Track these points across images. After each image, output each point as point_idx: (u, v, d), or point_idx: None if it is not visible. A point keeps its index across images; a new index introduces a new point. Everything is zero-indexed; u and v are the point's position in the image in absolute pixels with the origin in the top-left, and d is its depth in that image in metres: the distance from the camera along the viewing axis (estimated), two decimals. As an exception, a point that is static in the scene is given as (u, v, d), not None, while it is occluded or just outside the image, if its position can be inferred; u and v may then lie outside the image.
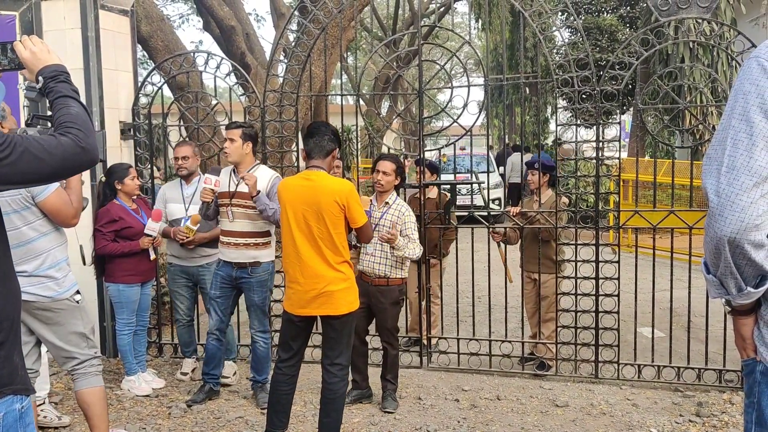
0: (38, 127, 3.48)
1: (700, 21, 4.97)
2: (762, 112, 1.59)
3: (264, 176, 4.71)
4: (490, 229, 5.56)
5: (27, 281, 3.34)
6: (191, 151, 5.26)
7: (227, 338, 5.18)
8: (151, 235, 4.96)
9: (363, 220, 3.86)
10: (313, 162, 3.88)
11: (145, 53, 9.97)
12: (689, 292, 5.16)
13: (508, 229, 5.58)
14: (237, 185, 4.66)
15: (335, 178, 3.99)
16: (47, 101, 2.11)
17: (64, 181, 3.53)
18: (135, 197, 5.08)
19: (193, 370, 5.43)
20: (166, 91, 6.95)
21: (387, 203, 4.74)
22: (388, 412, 4.65)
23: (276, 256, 4.78)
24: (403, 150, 5.77)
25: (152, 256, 5.06)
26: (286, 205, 3.83)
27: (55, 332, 3.51)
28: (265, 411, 4.62)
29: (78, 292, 3.56)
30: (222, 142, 4.78)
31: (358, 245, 4.73)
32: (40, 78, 2.11)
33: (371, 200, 4.84)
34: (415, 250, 4.69)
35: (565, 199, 5.45)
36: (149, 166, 5.97)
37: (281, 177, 4.81)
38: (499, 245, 5.64)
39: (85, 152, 1.93)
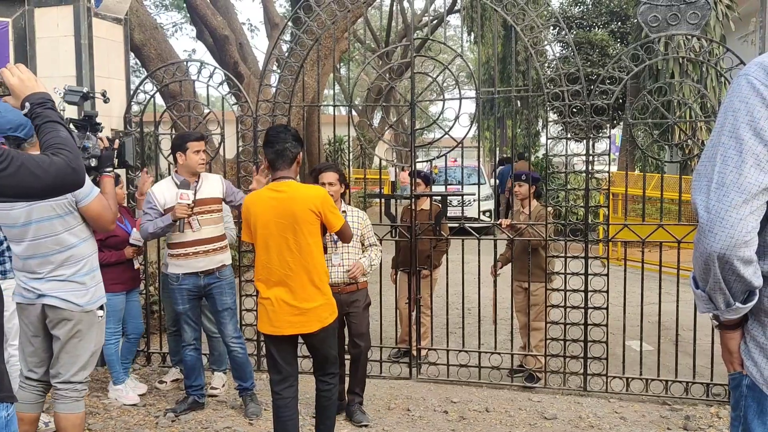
0: (75, 132, 3.48)
1: (689, 37, 5.03)
2: (751, 130, 1.61)
3: (216, 180, 4.83)
4: (492, 267, 5.60)
5: (61, 285, 3.32)
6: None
7: (218, 349, 5.16)
8: (136, 245, 4.95)
9: (340, 222, 3.71)
10: (279, 173, 3.67)
11: (138, 61, 9.97)
12: (677, 306, 5.19)
13: (505, 251, 5.65)
14: (195, 193, 4.63)
15: (306, 185, 3.82)
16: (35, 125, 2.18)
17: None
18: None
19: (176, 380, 5.40)
20: (159, 100, 6.95)
21: (343, 212, 4.60)
22: (364, 425, 4.61)
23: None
24: (395, 161, 5.78)
25: (136, 265, 5.07)
26: (257, 221, 3.62)
27: (66, 343, 3.39)
28: (254, 422, 4.63)
29: (102, 307, 3.49)
30: (200, 152, 4.70)
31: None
32: (27, 104, 2.18)
33: None
34: (378, 254, 4.74)
35: (550, 210, 5.48)
36: (139, 175, 5.95)
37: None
38: (495, 276, 5.67)
39: (75, 173, 1.99)
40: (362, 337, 4.70)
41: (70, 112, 3.72)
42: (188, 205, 4.52)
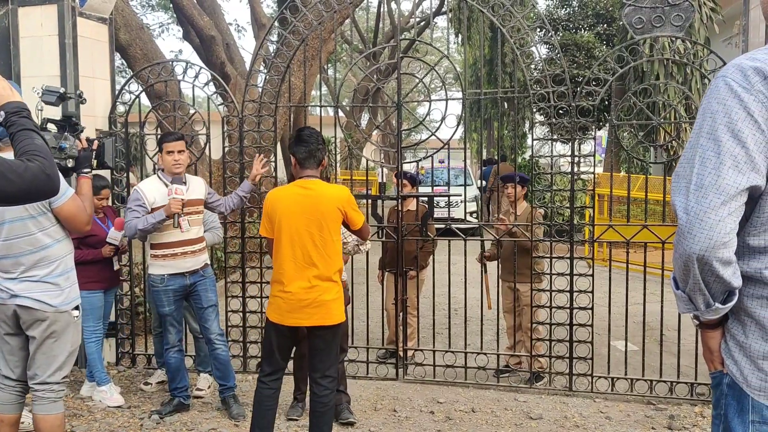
0: (52, 132, 3.46)
1: (674, 39, 5.06)
2: (729, 132, 1.62)
3: (199, 182, 4.87)
4: (480, 256, 5.61)
5: (34, 285, 3.29)
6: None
7: (204, 350, 5.14)
8: (113, 244, 4.93)
9: (361, 220, 3.90)
10: (307, 172, 3.85)
11: (124, 61, 9.91)
12: (662, 306, 5.22)
13: (491, 247, 5.65)
14: (186, 192, 4.62)
15: (332, 185, 4.02)
16: (13, 131, 2.20)
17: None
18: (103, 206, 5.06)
19: (161, 382, 5.37)
20: (144, 100, 6.91)
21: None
22: (350, 422, 4.61)
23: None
24: (382, 161, 5.77)
25: (116, 266, 5.05)
26: (281, 216, 3.75)
27: (42, 344, 3.36)
28: (239, 423, 4.61)
29: (77, 308, 3.47)
30: (175, 153, 4.67)
31: (360, 252, 4.76)
32: (2, 112, 2.20)
33: None
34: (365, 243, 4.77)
35: (540, 211, 5.50)
36: (125, 175, 5.92)
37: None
38: (485, 271, 5.68)
39: (50, 179, 2.00)
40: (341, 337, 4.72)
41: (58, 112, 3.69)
42: (182, 200, 4.52)
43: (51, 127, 3.49)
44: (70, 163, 3.42)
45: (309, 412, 3.96)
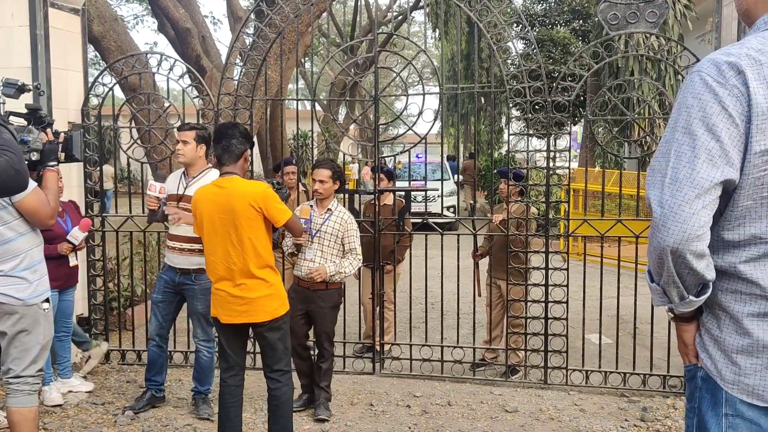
0: (14, 125, 3.40)
1: (648, 36, 5.12)
2: (704, 126, 1.64)
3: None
4: (473, 252, 5.62)
5: (2, 281, 3.24)
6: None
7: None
8: (72, 243, 4.79)
9: (284, 217, 3.73)
10: (224, 168, 3.76)
11: (97, 53, 9.76)
12: (635, 300, 5.29)
13: (483, 242, 5.68)
14: (186, 188, 4.60)
15: (249, 181, 3.85)
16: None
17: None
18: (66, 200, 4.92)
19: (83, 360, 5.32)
20: (118, 92, 6.82)
21: (329, 210, 4.67)
22: (321, 420, 4.60)
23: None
24: (360, 156, 5.76)
25: (72, 263, 4.88)
26: (202, 215, 3.72)
27: (13, 338, 3.32)
28: (214, 419, 4.58)
29: (47, 300, 3.42)
30: (174, 144, 4.69)
31: (296, 253, 4.67)
32: None
33: (311, 206, 4.72)
34: (353, 263, 4.66)
35: (534, 210, 5.53)
36: (98, 169, 5.84)
37: None
38: (476, 265, 5.70)
39: (18, 174, 1.96)
40: (324, 336, 4.70)
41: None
42: (155, 197, 4.50)
43: (17, 120, 3.43)
44: (35, 156, 3.37)
45: (267, 406, 3.95)
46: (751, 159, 1.63)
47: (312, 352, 4.91)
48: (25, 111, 3.49)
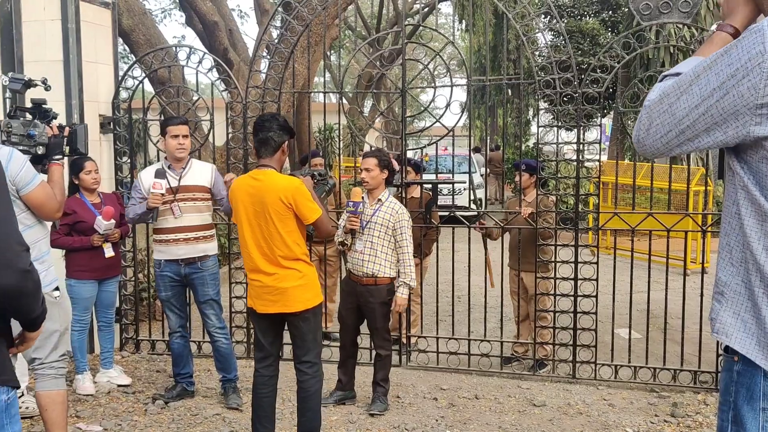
0: (20, 119, 3.47)
1: (680, 26, 5.02)
2: (718, 83, 1.60)
3: (206, 169, 4.81)
4: (477, 223, 5.56)
5: None
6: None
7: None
8: (101, 233, 4.80)
9: (314, 215, 3.70)
10: (261, 161, 3.76)
11: (127, 47, 9.86)
12: (666, 294, 5.21)
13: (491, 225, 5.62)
14: (179, 180, 4.62)
15: (283, 176, 3.81)
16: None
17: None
18: (95, 191, 4.93)
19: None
20: (147, 86, 6.87)
21: (379, 200, 4.61)
22: (374, 414, 4.59)
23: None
24: (386, 148, 5.76)
25: (107, 254, 4.87)
26: (238, 206, 3.76)
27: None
28: (243, 409, 4.63)
29: (57, 288, 3.48)
30: (180, 137, 4.65)
31: (346, 243, 4.66)
32: None
33: (363, 195, 4.64)
34: (410, 267, 4.56)
35: (552, 198, 5.47)
36: (128, 161, 5.91)
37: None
38: (486, 250, 5.66)
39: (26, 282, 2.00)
40: (376, 332, 4.68)
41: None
42: (161, 194, 4.48)
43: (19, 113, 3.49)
44: (41, 150, 3.43)
45: (296, 397, 3.95)
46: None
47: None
48: (30, 106, 3.56)
